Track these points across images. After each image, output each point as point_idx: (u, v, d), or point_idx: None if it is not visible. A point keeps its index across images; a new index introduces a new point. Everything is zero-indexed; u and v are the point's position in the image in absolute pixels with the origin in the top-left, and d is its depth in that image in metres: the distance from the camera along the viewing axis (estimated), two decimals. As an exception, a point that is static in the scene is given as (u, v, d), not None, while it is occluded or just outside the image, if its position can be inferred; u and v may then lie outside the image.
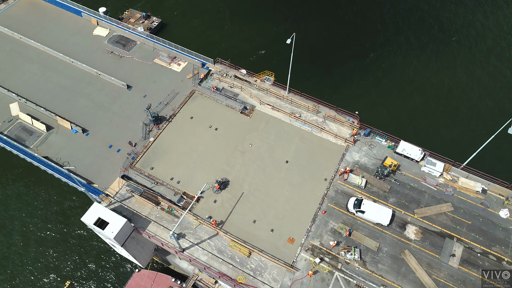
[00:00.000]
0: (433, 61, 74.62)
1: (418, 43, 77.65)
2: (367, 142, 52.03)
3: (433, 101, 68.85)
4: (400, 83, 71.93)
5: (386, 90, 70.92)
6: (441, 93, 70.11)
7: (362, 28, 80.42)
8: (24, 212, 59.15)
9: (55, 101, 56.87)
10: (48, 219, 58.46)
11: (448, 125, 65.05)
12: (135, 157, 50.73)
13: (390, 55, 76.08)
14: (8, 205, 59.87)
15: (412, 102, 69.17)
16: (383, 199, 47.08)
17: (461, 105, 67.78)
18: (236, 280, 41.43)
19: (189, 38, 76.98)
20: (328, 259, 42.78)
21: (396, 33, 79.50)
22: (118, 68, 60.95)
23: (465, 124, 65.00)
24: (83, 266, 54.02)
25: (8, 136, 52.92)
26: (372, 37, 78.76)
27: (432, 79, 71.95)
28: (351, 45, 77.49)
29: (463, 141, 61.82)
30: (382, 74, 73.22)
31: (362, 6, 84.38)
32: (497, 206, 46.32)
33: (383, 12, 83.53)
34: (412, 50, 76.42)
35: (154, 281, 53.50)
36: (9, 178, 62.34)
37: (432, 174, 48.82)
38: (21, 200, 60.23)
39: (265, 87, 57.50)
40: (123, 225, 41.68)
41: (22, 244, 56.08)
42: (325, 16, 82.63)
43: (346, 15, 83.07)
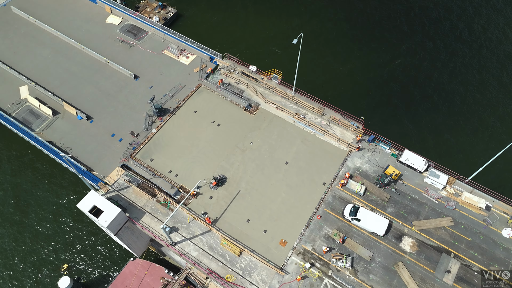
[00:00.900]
0: (450, 68, 72.17)
1: (439, 48, 75.25)
2: (371, 149, 50.90)
3: (443, 109, 66.66)
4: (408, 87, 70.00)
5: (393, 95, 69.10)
6: (454, 102, 67.83)
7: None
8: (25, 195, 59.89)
9: (63, 87, 57.68)
10: (48, 201, 59.19)
11: (457, 136, 62.93)
12: (136, 148, 51.05)
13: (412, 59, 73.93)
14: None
15: (420, 109, 67.04)
16: (381, 208, 46.08)
17: (473, 116, 65.44)
18: (224, 278, 41.39)
19: (202, 31, 76.47)
20: (319, 265, 42.24)
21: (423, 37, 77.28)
22: (127, 57, 61.27)
23: (475, 136, 62.74)
24: (81, 251, 54.78)
25: (16, 118, 54.01)
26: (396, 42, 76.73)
27: (445, 86, 69.67)
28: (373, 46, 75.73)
29: (472, 154, 59.74)
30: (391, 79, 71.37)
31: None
32: (500, 225, 44.72)
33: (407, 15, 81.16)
34: (431, 56, 74.08)
35: (148, 271, 53.90)
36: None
37: (434, 186, 47.45)
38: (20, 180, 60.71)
39: (271, 85, 56.83)
40: (116, 215, 42.09)
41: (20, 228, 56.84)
42: (341, 13, 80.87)
43: (367, 14, 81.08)
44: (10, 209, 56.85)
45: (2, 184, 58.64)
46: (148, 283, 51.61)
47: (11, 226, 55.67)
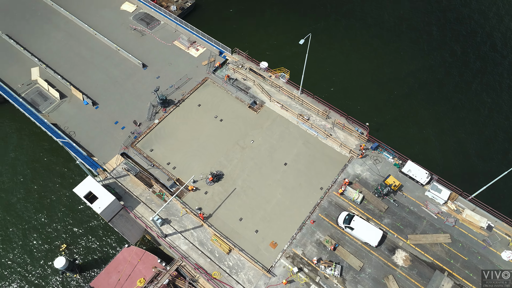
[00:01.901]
0: (472, 81, 69.53)
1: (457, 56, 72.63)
2: (373, 157, 49.70)
3: (453, 121, 64.40)
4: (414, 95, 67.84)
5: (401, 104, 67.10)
6: (469, 114, 65.42)
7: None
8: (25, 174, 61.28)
9: (72, 71, 58.47)
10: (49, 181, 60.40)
11: (465, 150, 60.68)
12: (138, 137, 51.39)
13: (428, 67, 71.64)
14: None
15: (427, 119, 64.94)
16: (377, 219, 45.03)
17: (485, 129, 62.96)
18: (211, 274, 41.43)
19: (216, 23, 76.08)
20: (307, 270, 41.73)
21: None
22: (138, 45, 61.51)
23: (484, 152, 60.34)
24: (80, 234, 55.85)
25: (25, 99, 55.12)
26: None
27: (464, 99, 67.17)
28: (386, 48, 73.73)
29: (478, 170, 57.55)
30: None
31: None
32: (500, 246, 43.06)
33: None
34: (456, 66, 71.59)
35: (141, 258, 54.47)
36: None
37: (435, 200, 46.02)
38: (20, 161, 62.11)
39: (278, 84, 56.05)
40: (110, 203, 42.57)
41: (20, 206, 58.24)
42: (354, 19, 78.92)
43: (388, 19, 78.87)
44: (19, 183, 58.30)
45: (13, 160, 60.15)
46: (140, 271, 52.19)
47: (17, 201, 57.15)
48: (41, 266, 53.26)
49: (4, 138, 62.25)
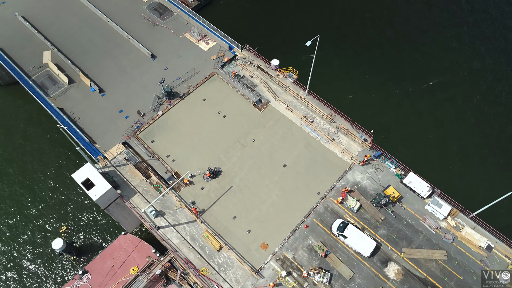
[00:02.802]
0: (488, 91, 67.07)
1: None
2: (375, 165, 48.63)
3: (464, 133, 62.30)
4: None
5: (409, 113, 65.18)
6: (478, 126, 63.14)
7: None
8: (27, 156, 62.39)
9: (83, 57, 59.10)
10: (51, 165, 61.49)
11: (472, 165, 58.66)
12: (140, 127, 51.68)
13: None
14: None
15: (437, 130, 63.02)
16: (373, 229, 44.17)
17: (494, 145, 60.66)
18: (199, 270, 41.54)
19: (230, 18, 75.47)
20: (296, 275, 41.35)
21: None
22: (149, 35, 61.63)
23: (492, 168, 58.18)
24: (80, 217, 56.84)
25: (35, 81, 56.06)
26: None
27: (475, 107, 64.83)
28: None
29: (484, 187, 55.57)
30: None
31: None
32: (498, 268, 41.61)
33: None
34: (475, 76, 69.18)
35: (137, 247, 55.05)
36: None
37: (435, 215, 44.80)
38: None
39: (285, 84, 55.31)
40: (106, 191, 43.02)
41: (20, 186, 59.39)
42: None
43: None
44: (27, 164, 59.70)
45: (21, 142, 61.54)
46: (134, 259, 52.80)
47: (23, 180, 58.48)
48: (40, 245, 54.49)
49: (13, 119, 63.63)
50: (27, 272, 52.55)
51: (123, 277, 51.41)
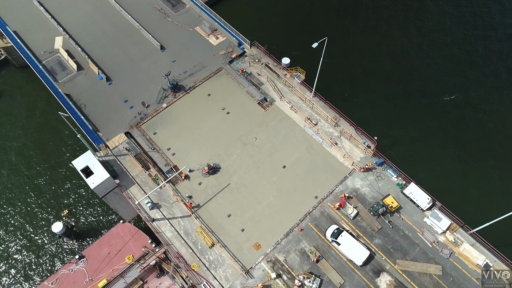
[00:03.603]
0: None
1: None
2: (376, 173, 47.74)
3: (474, 144, 60.49)
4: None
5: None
6: (490, 137, 61.20)
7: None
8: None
9: (93, 44, 59.59)
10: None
11: (478, 180, 56.93)
12: (144, 118, 51.92)
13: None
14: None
15: (445, 140, 61.33)
16: (368, 237, 43.47)
17: (504, 162, 58.74)
18: (190, 265, 41.71)
19: (243, 14, 74.89)
20: (286, 278, 41.11)
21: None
22: (159, 27, 61.67)
23: (498, 185, 56.36)
24: (82, 203, 57.77)
25: (45, 66, 56.85)
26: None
27: (494, 118, 62.63)
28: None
29: (487, 203, 53.95)
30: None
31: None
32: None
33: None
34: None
35: (134, 236, 55.80)
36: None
37: (433, 228, 43.79)
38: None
39: (292, 84, 54.64)
40: (104, 180, 43.46)
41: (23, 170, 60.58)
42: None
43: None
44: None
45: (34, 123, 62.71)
46: (130, 248, 53.44)
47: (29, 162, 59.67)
48: (40, 227, 55.64)
49: (23, 101, 64.89)
50: (26, 252, 53.79)
51: (118, 264, 52.16)
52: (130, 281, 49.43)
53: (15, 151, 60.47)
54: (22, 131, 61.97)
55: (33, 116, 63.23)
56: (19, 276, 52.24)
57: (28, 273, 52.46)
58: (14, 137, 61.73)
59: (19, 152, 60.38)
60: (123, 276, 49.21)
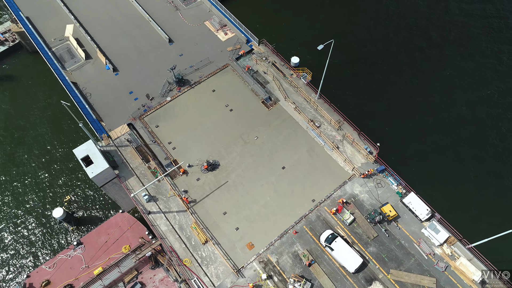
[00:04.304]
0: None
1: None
2: (377, 180, 47.05)
3: (487, 161, 59.04)
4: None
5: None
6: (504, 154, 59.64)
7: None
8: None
9: (102, 34, 59.98)
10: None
11: (481, 194, 55.58)
12: (147, 110, 52.13)
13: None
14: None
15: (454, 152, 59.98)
16: (363, 244, 42.95)
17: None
18: (182, 260, 41.93)
19: (254, 10, 74.27)
20: (277, 280, 41.00)
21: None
22: (169, 19, 61.64)
23: (503, 201, 54.92)
24: (85, 190, 58.60)
25: (54, 53, 57.49)
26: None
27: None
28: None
29: (489, 219, 52.67)
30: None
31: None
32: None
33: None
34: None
35: (131, 226, 56.40)
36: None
37: (430, 240, 43.00)
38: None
39: (297, 84, 54.08)
40: (103, 170, 43.88)
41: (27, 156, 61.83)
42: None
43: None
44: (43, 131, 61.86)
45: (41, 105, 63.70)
46: (127, 238, 54.01)
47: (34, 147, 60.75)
48: (42, 212, 56.66)
49: (30, 85, 65.89)
50: (26, 235, 54.90)
51: (114, 253, 52.83)
52: (125, 271, 50.03)
53: (23, 134, 61.63)
54: (30, 114, 63.06)
55: (43, 101, 64.22)
56: (17, 259, 53.43)
57: (26, 256, 53.60)
58: (23, 119, 62.89)
59: (29, 135, 61.50)
60: (118, 265, 49.79)
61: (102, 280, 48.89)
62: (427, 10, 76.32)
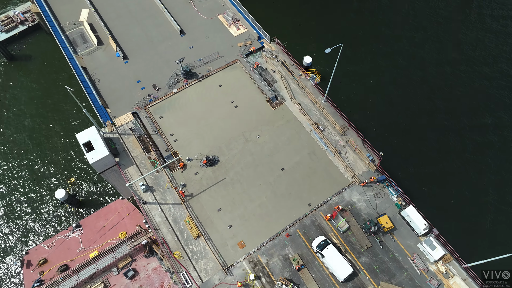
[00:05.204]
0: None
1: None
2: (376, 189, 46.15)
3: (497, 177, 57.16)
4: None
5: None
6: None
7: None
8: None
9: (116, 21, 60.33)
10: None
11: (483, 214, 53.92)
12: (153, 101, 52.35)
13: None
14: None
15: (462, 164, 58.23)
16: (355, 254, 42.34)
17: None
18: (172, 252, 42.23)
19: (269, 7, 73.27)
20: (265, 281, 40.88)
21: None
22: (183, 11, 61.48)
23: (506, 223, 53.16)
24: (90, 173, 59.57)
25: (67, 37, 58.19)
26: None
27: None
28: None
29: (491, 240, 51.12)
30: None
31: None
32: (479, 327, 38.67)
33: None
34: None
35: (130, 214, 57.22)
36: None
37: (425, 256, 42.04)
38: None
39: (305, 85, 53.30)
40: (103, 157, 44.36)
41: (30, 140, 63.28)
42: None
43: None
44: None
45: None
46: (125, 225, 54.79)
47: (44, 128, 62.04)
48: (46, 191, 57.94)
49: (45, 66, 67.00)
50: (28, 212, 56.31)
51: (111, 238, 53.70)
52: (120, 257, 50.80)
53: (32, 114, 62.96)
54: (42, 95, 64.34)
55: (53, 82, 65.38)
56: (18, 235, 54.90)
57: (27, 233, 55.00)
58: (34, 99, 64.19)
59: (37, 115, 62.80)
60: (113, 251, 50.60)
61: (97, 263, 49.79)
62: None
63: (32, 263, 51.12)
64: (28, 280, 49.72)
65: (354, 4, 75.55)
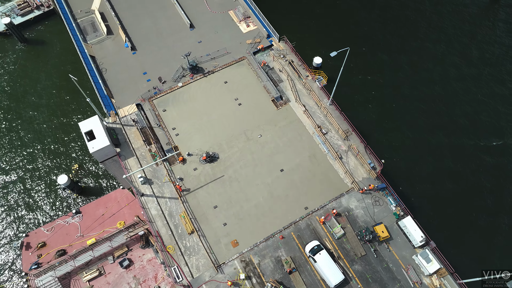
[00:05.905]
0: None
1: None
2: (375, 197, 45.48)
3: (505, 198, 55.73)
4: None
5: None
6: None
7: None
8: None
9: (127, 11, 60.42)
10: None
11: (484, 230, 52.69)
12: (157, 93, 52.43)
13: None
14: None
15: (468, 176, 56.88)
16: (348, 261, 41.90)
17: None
18: (165, 246, 42.47)
19: (283, 5, 72.37)
20: (255, 281, 40.81)
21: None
22: (194, 5, 61.22)
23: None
24: (93, 162, 60.31)
25: (78, 24, 58.60)
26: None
27: None
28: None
29: (491, 256, 49.99)
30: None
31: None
32: None
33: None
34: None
35: (129, 204, 57.79)
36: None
37: (420, 268, 41.36)
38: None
39: (311, 87, 52.64)
40: (104, 147, 44.68)
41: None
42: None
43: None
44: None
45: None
46: (124, 214, 55.39)
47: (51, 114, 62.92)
48: (49, 176, 58.85)
49: (57, 51, 67.73)
50: (33, 194, 57.33)
51: (109, 227, 54.35)
52: (116, 246, 51.45)
53: (43, 100, 63.93)
54: (53, 80, 65.22)
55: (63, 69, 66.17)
56: (20, 217, 55.97)
57: (27, 216, 56.03)
58: (45, 85, 65.07)
59: (46, 102, 63.74)
60: (110, 239, 51.26)
61: (93, 251, 50.54)
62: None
63: (31, 246, 52.16)
64: (26, 262, 50.80)
65: (375, 12, 73.99)
